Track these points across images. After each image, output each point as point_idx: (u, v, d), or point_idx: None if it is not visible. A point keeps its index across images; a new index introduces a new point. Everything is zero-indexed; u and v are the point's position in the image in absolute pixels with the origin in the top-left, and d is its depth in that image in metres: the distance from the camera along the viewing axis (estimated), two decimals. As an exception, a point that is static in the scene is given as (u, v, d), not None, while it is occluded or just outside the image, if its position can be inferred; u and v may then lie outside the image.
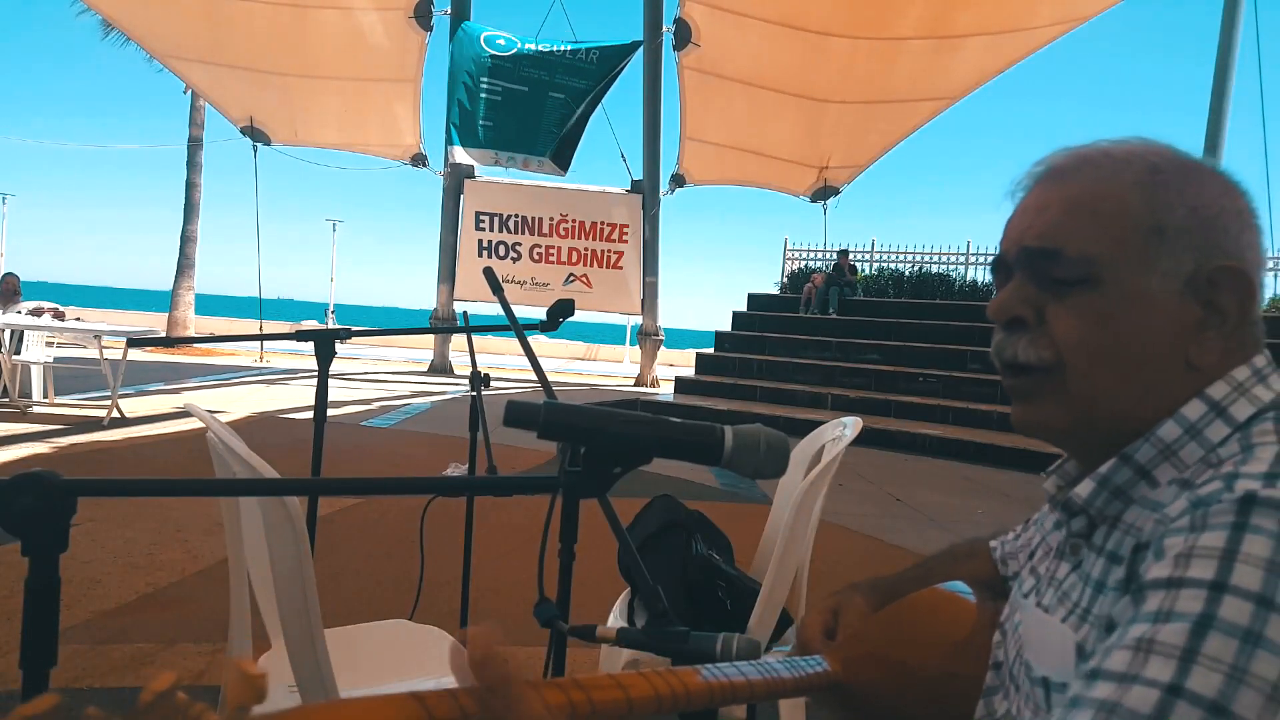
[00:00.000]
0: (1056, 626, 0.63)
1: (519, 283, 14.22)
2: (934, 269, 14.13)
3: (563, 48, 13.02)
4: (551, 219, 14.43)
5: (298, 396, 9.50)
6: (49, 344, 7.83)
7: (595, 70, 13.04)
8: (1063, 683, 0.60)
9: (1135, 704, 0.47)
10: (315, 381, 1.92)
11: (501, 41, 12.95)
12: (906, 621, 0.79)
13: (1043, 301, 0.66)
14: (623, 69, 13.13)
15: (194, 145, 18.40)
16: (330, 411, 1.99)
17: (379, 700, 0.43)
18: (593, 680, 0.54)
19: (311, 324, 20.00)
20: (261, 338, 2.28)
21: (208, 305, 27.25)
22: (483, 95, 12.90)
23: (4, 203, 25.97)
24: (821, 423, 2.06)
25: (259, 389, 10.41)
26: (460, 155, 13.50)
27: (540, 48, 12.97)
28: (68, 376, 8.34)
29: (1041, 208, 0.67)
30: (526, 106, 12.98)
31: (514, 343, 1.73)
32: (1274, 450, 0.56)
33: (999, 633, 0.74)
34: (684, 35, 12.95)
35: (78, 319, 8.73)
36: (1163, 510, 0.57)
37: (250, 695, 0.36)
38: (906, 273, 14.17)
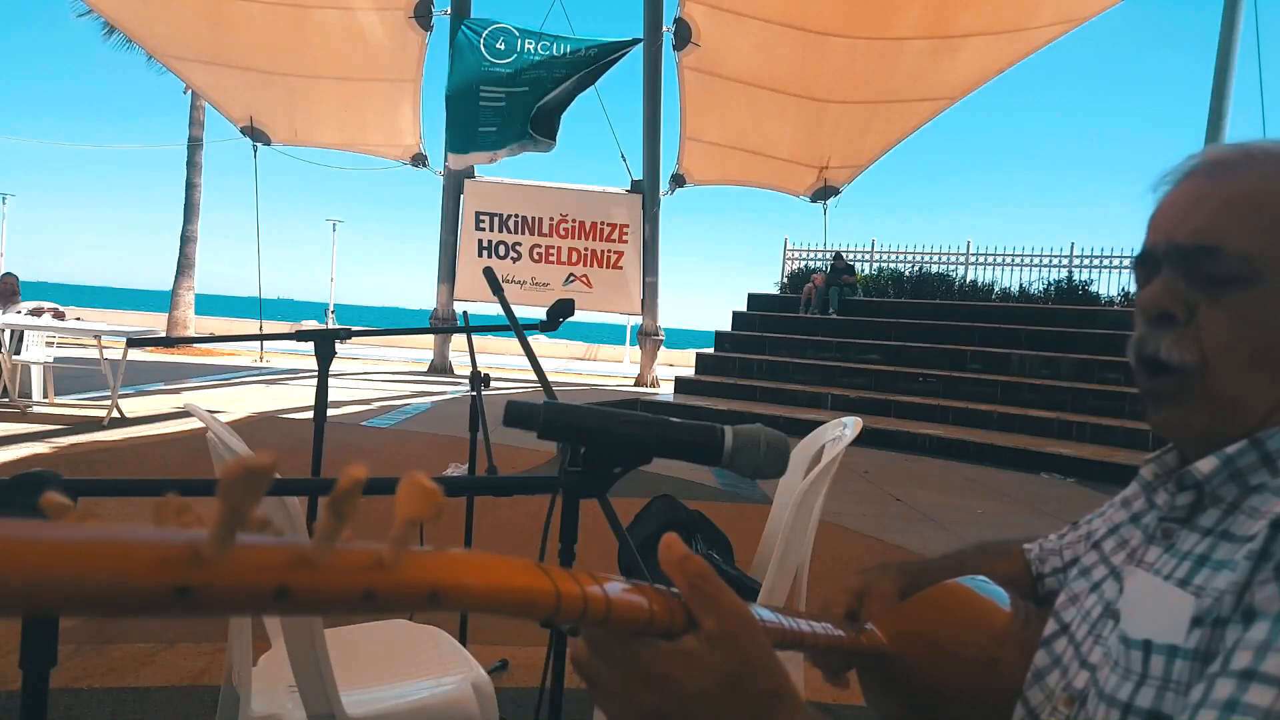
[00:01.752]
0: (1172, 592, 0.61)
1: (519, 283, 14.22)
2: (934, 269, 14.13)
3: (563, 45, 13.01)
4: (551, 219, 14.43)
5: (298, 396, 9.50)
6: (49, 344, 7.83)
7: (592, 61, 13.02)
8: (1168, 645, 0.59)
9: None
10: (315, 381, 1.92)
11: (501, 45, 12.91)
12: (945, 609, 0.79)
13: (1194, 299, 0.64)
14: (619, 58, 13.09)
15: (194, 145, 18.41)
16: (330, 411, 1.99)
17: (515, 561, 0.41)
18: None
19: (311, 324, 20.00)
20: (261, 338, 2.29)
21: (208, 305, 27.26)
22: (482, 104, 12.88)
23: (4, 203, 26.00)
24: (821, 423, 2.06)
25: (259, 389, 10.41)
26: (456, 162, 13.50)
27: (540, 45, 12.95)
28: (68, 376, 8.33)
29: (1197, 202, 0.66)
30: (526, 105, 12.96)
31: (514, 343, 1.73)
32: None
33: (1053, 620, 0.74)
34: (684, 35, 12.95)
35: (78, 319, 8.74)
36: None
37: (425, 508, 0.34)
38: (906, 273, 14.17)
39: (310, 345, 1.88)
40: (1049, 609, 0.77)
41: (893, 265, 14.62)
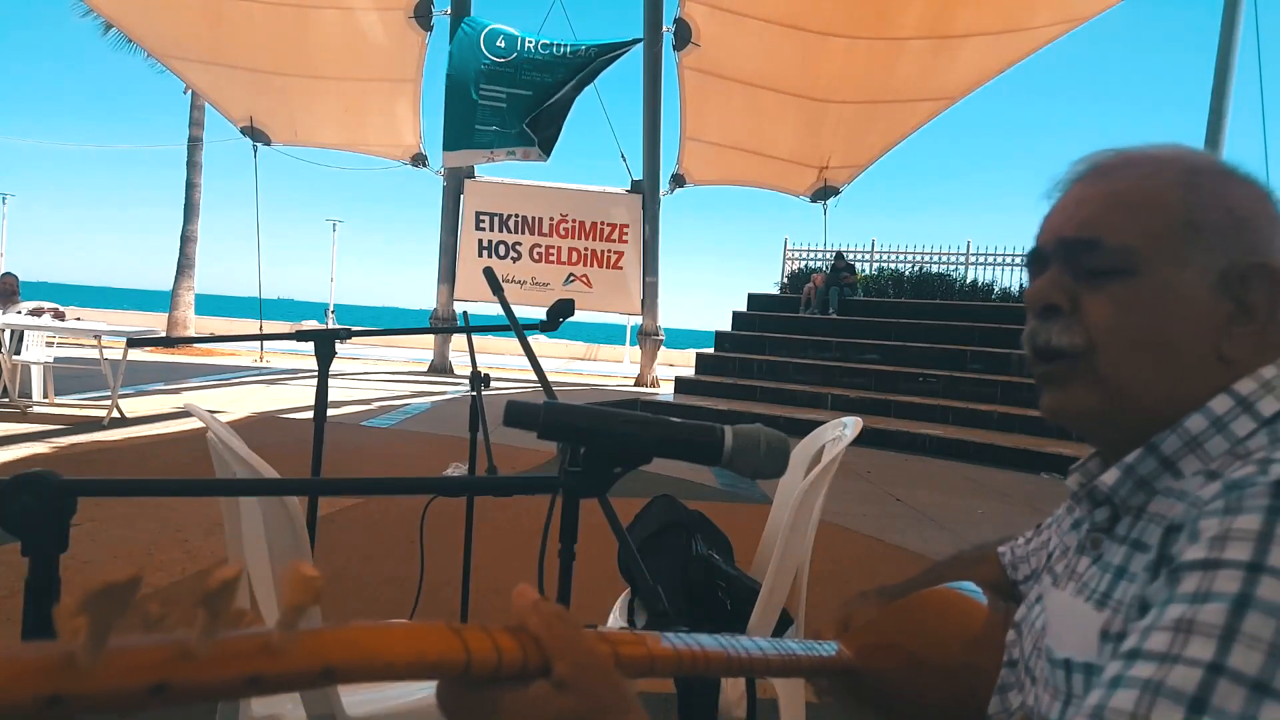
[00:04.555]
0: (1080, 608, 0.64)
1: (519, 283, 14.21)
2: (934, 269, 14.13)
3: (563, 46, 13.00)
4: (551, 219, 14.43)
5: (298, 396, 9.50)
6: (49, 344, 7.83)
7: (590, 60, 13.01)
8: (1084, 663, 0.61)
9: (1178, 683, 0.47)
10: (315, 381, 1.92)
11: (502, 43, 12.90)
12: (920, 615, 0.79)
13: (1078, 290, 0.68)
14: (617, 59, 13.08)
15: (194, 145, 18.42)
16: (330, 411, 1.99)
17: (421, 626, 0.42)
18: (618, 635, 0.55)
19: (311, 324, 20.00)
20: (261, 338, 2.28)
21: (208, 305, 27.26)
22: (481, 102, 12.86)
23: (4, 203, 25.99)
24: (821, 423, 2.06)
25: (259, 389, 10.41)
26: (450, 159, 13.46)
27: (541, 44, 12.93)
28: (68, 376, 8.33)
29: (1081, 202, 0.69)
30: (525, 107, 12.95)
31: (514, 343, 1.73)
32: None
33: (1013, 631, 0.75)
34: (684, 35, 12.95)
35: (78, 319, 8.73)
36: (1193, 496, 0.58)
37: (306, 596, 0.35)
38: (906, 273, 14.17)
39: (310, 345, 1.88)
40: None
41: (893, 265, 14.62)
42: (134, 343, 7.29)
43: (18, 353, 7.44)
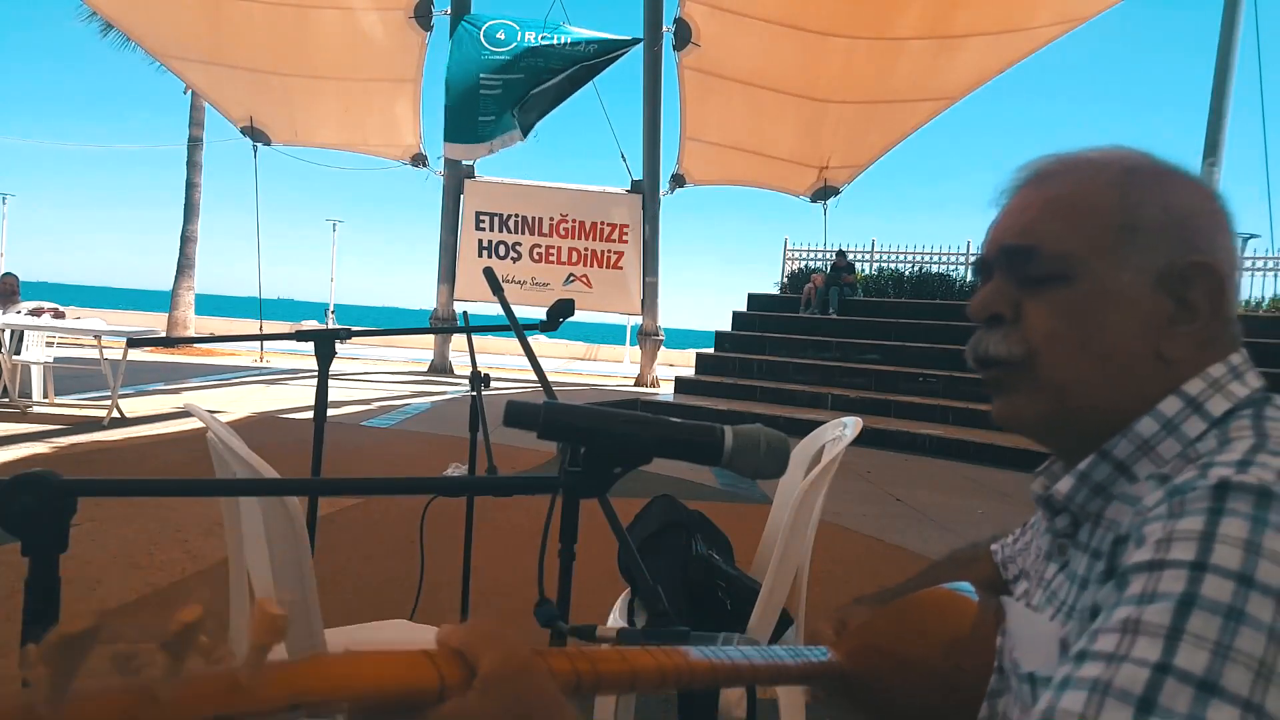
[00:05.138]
0: (1041, 622, 0.64)
1: (519, 283, 14.21)
2: (934, 269, 14.14)
3: (564, 39, 12.97)
4: (551, 219, 14.43)
5: (298, 396, 9.49)
6: (49, 344, 7.83)
7: (590, 57, 12.99)
8: (1048, 678, 0.61)
9: (1125, 683, 0.47)
10: (315, 381, 1.92)
11: (502, 35, 12.88)
12: (910, 617, 0.79)
13: (1020, 298, 0.68)
14: (617, 59, 13.07)
15: (194, 145, 18.41)
16: (330, 411, 1.99)
17: (396, 655, 0.43)
18: (598, 653, 0.54)
19: (311, 324, 19.99)
20: (261, 338, 2.29)
21: (208, 305, 27.25)
22: (482, 93, 12.84)
23: (4, 203, 26.00)
24: (821, 423, 2.06)
25: (259, 389, 10.41)
26: (451, 151, 13.42)
27: (542, 36, 12.90)
28: (68, 376, 8.33)
29: (1021, 209, 0.70)
30: (518, 91, 12.88)
31: (514, 343, 1.73)
32: (1249, 443, 0.57)
33: (1000, 634, 0.74)
34: (684, 35, 12.95)
35: (77, 319, 8.73)
36: (1140, 503, 0.58)
37: (271, 635, 0.36)
38: (906, 273, 14.17)
39: (310, 345, 1.88)
40: None
41: (893, 265, 14.62)
42: (134, 343, 7.29)
43: (18, 353, 7.44)
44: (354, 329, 1.98)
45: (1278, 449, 0.56)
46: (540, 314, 1.83)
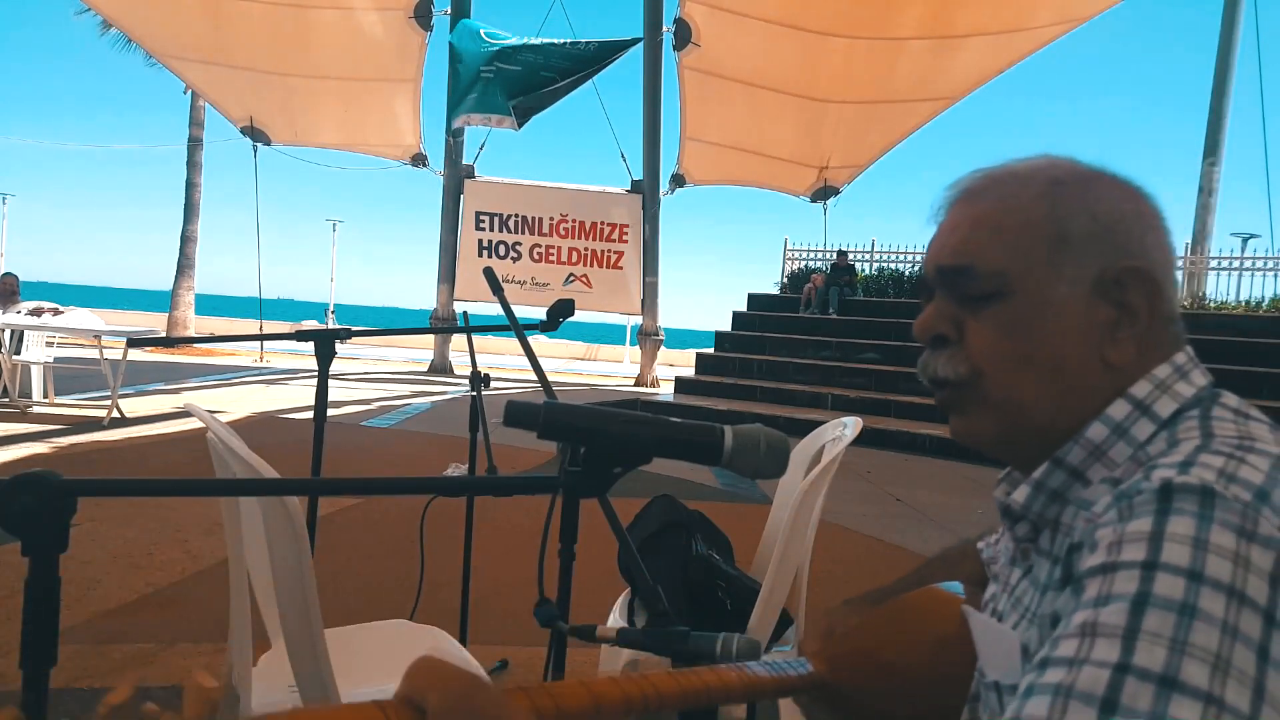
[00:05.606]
0: (1001, 630, 0.65)
1: (519, 283, 14.22)
2: (934, 269, 14.11)
3: (563, 41, 12.98)
4: (551, 219, 14.43)
5: (298, 396, 9.50)
6: (49, 344, 7.83)
7: (590, 57, 12.99)
8: (1013, 685, 0.61)
9: (1087, 685, 0.47)
10: (315, 381, 1.92)
11: (502, 33, 12.93)
12: (897, 621, 0.79)
13: (962, 317, 0.69)
14: (617, 58, 13.06)
15: (194, 145, 18.41)
16: (330, 411, 1.99)
17: (343, 710, 0.43)
18: (559, 686, 0.54)
19: (311, 324, 19.99)
20: (261, 338, 2.29)
21: (208, 305, 27.25)
22: (482, 76, 12.80)
23: (4, 203, 26.00)
24: (821, 423, 2.06)
25: (259, 389, 10.41)
26: (455, 122, 13.37)
27: (540, 41, 12.92)
28: (68, 376, 8.33)
29: (954, 228, 0.70)
30: (513, 81, 12.84)
31: (514, 343, 1.73)
32: (1194, 444, 0.58)
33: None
34: (684, 35, 12.95)
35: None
36: (1091, 509, 0.59)
37: (204, 709, 0.37)
38: (906, 273, 14.17)
39: (310, 345, 1.88)
40: None
41: (893, 265, 14.61)
42: (134, 343, 7.29)
43: (18, 353, 7.44)
44: (354, 329, 1.98)
45: (1221, 448, 0.56)
46: (540, 314, 1.83)
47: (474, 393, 2.02)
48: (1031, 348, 0.65)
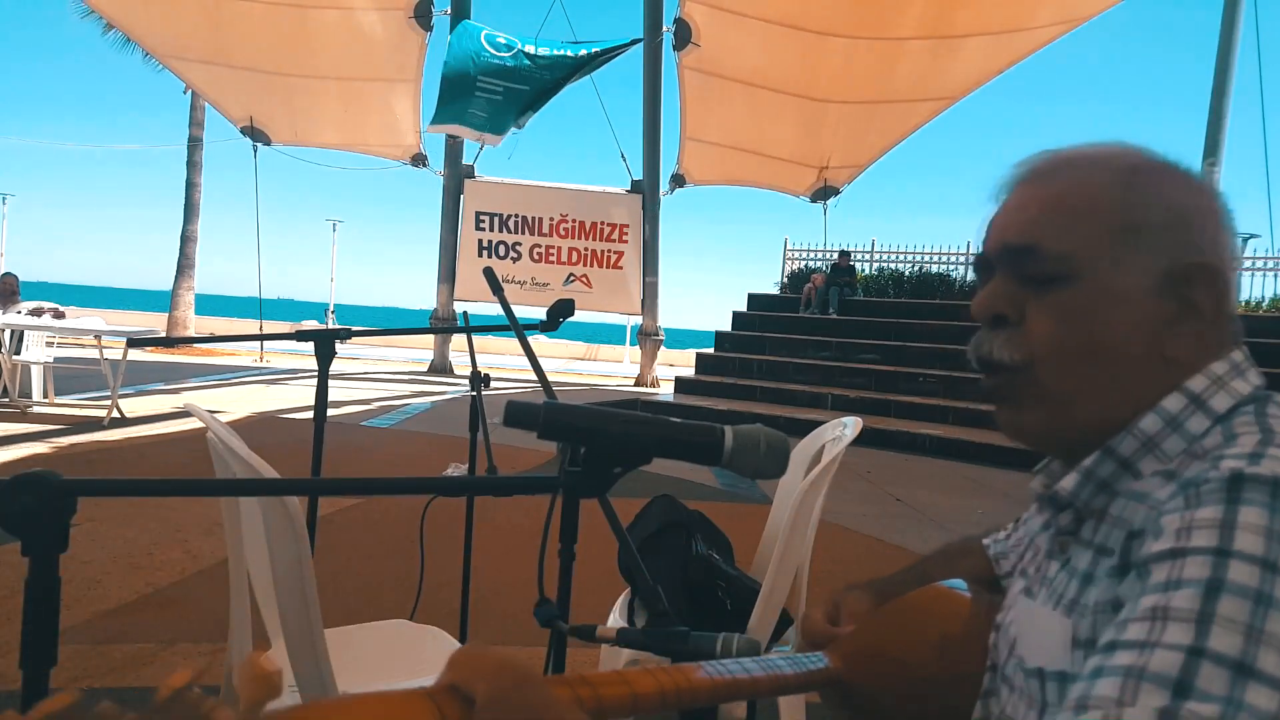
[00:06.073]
0: (1050, 616, 0.64)
1: (519, 283, 14.21)
2: (934, 269, 14.12)
3: (563, 50, 12.97)
4: (551, 219, 14.43)
5: (298, 396, 9.50)
6: (49, 344, 7.83)
7: (591, 59, 12.97)
8: (1058, 672, 0.61)
9: (1159, 667, 0.47)
10: (315, 381, 1.92)
11: (502, 40, 12.88)
12: (905, 619, 0.79)
13: (1023, 299, 0.67)
14: (615, 57, 13.06)
15: (194, 145, 18.41)
16: (330, 411, 1.99)
17: (394, 697, 0.42)
18: (597, 676, 0.54)
19: (311, 324, 19.99)
20: (261, 338, 2.29)
21: (208, 305, 27.26)
22: (478, 93, 12.77)
23: (4, 203, 26.00)
24: (821, 423, 2.06)
25: (259, 389, 10.41)
26: (434, 129, 13.15)
27: (540, 49, 12.91)
28: (68, 376, 8.33)
29: (1021, 206, 0.69)
30: (523, 102, 12.84)
31: (514, 343, 1.73)
32: (1256, 438, 0.57)
33: (994, 634, 0.74)
34: (684, 35, 12.95)
35: (77, 319, 8.72)
36: (1153, 499, 0.58)
37: (264, 692, 0.36)
38: (906, 273, 14.17)
39: (310, 345, 1.88)
40: None
41: (893, 265, 14.61)
42: (134, 343, 7.29)
43: (18, 353, 7.44)
44: (354, 329, 1.98)
45: None
46: (540, 314, 1.83)
47: (474, 393, 2.01)
48: (1092, 337, 0.64)
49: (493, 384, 2.09)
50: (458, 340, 14.74)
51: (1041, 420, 0.67)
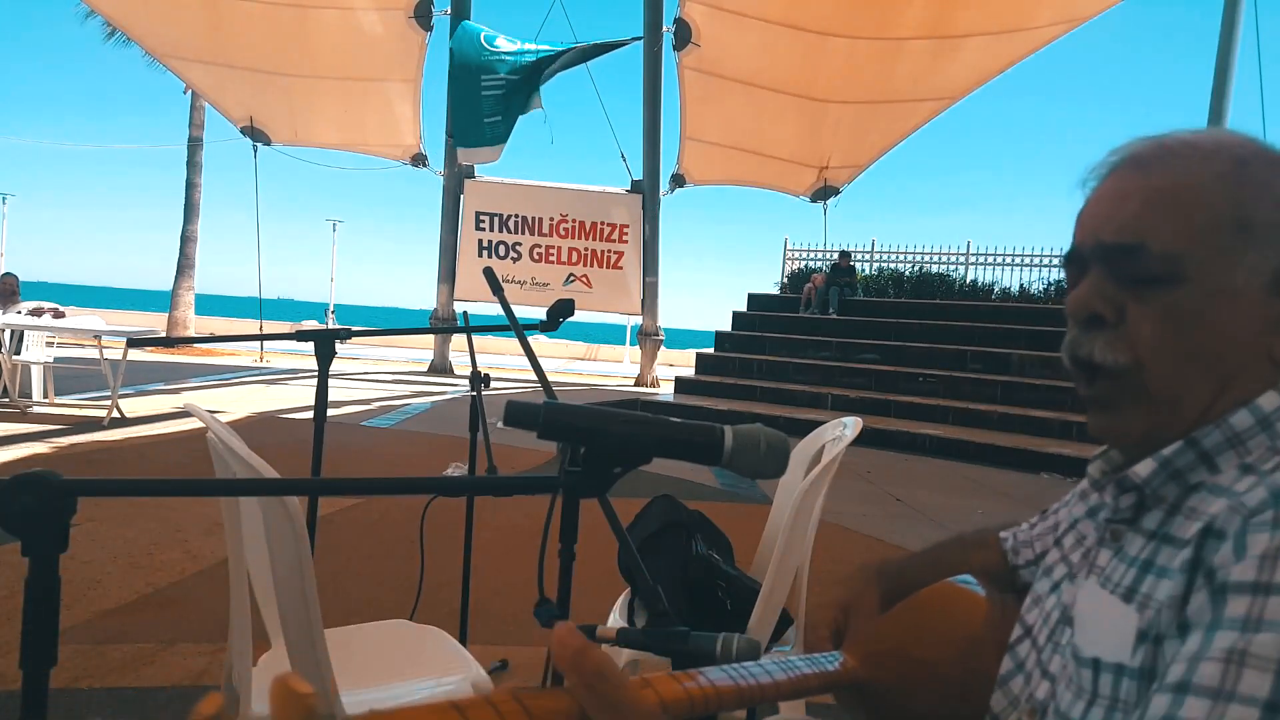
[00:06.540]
0: (1113, 605, 0.61)
1: (519, 283, 14.21)
2: (934, 269, 14.14)
3: (563, 47, 12.98)
4: (551, 219, 14.43)
5: (298, 396, 9.49)
6: (49, 344, 7.83)
7: (590, 52, 12.97)
8: (1115, 664, 0.58)
9: None
10: (315, 381, 1.92)
11: (502, 41, 12.90)
12: (925, 618, 0.78)
13: (1122, 299, 0.63)
14: (614, 49, 13.05)
15: (194, 145, 18.41)
16: (330, 411, 1.99)
17: (420, 710, 0.41)
18: (656, 678, 0.53)
19: (311, 324, 20.00)
20: (261, 338, 2.29)
21: (208, 305, 27.25)
22: (484, 93, 12.79)
23: (4, 203, 26.00)
24: (821, 423, 2.06)
25: (259, 389, 10.41)
26: (468, 156, 13.38)
27: (541, 48, 12.93)
28: (68, 376, 8.33)
29: (1120, 198, 0.65)
30: (525, 87, 12.82)
31: (514, 343, 1.73)
32: None
33: (1019, 626, 0.74)
34: (684, 35, 12.95)
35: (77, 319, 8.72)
36: (1237, 497, 0.55)
37: (298, 714, 0.35)
38: (906, 273, 14.18)
39: (310, 345, 1.88)
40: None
41: (893, 265, 14.62)
42: (134, 343, 7.29)
43: (18, 353, 7.44)
44: (354, 329, 1.98)
45: None
46: (540, 314, 1.83)
47: (474, 393, 2.02)
48: (1201, 341, 0.60)
49: (493, 384, 2.09)
50: (458, 340, 14.74)
51: (1143, 423, 0.64)
